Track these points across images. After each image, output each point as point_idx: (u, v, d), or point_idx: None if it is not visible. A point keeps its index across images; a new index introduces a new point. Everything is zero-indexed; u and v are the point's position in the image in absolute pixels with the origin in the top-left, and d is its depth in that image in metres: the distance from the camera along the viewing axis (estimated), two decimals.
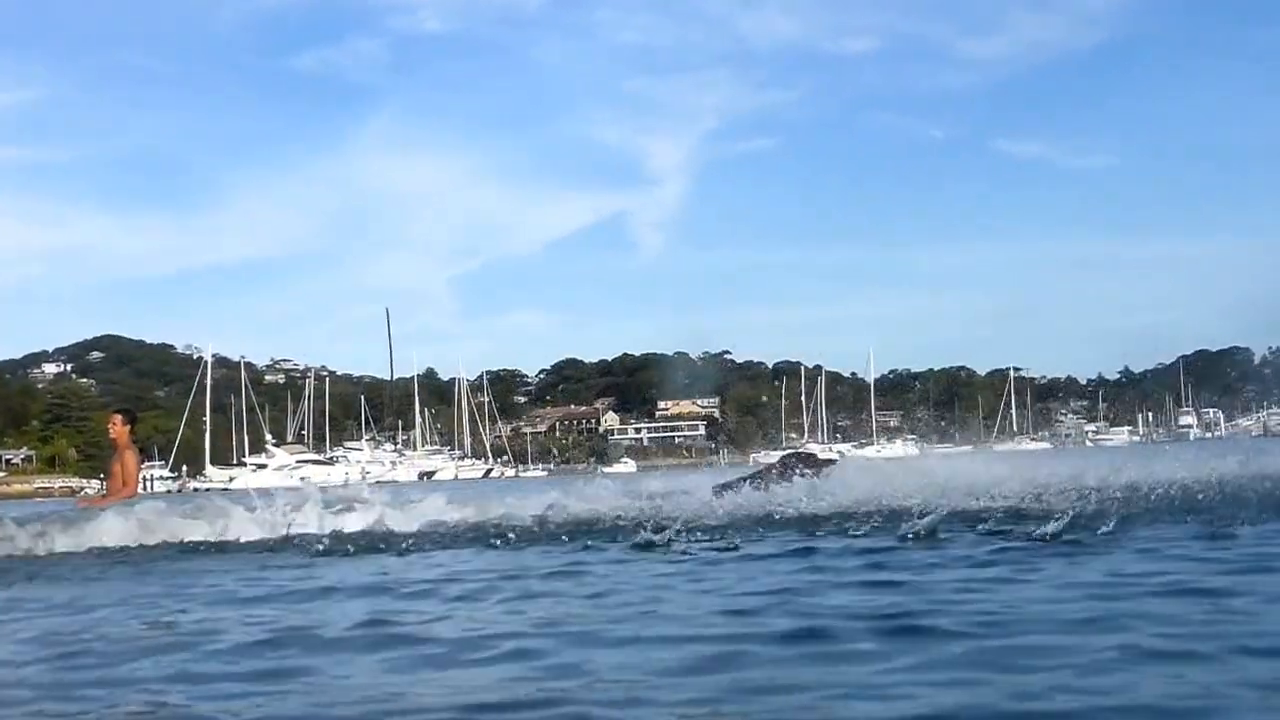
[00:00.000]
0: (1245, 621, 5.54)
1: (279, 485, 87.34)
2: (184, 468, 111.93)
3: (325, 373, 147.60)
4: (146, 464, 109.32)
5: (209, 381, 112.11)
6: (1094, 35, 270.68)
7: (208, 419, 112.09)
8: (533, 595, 7.35)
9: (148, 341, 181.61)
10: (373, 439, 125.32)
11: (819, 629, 5.64)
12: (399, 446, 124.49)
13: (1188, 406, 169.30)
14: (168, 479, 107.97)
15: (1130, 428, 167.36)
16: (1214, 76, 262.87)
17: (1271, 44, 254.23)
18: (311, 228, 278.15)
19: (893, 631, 5.51)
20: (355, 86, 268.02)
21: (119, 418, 14.44)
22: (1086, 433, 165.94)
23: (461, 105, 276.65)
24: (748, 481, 17.53)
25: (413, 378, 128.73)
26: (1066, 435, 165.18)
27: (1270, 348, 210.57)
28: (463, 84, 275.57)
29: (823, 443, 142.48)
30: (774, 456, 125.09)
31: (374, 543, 11.28)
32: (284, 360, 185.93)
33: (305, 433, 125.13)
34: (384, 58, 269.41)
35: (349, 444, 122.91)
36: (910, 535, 9.70)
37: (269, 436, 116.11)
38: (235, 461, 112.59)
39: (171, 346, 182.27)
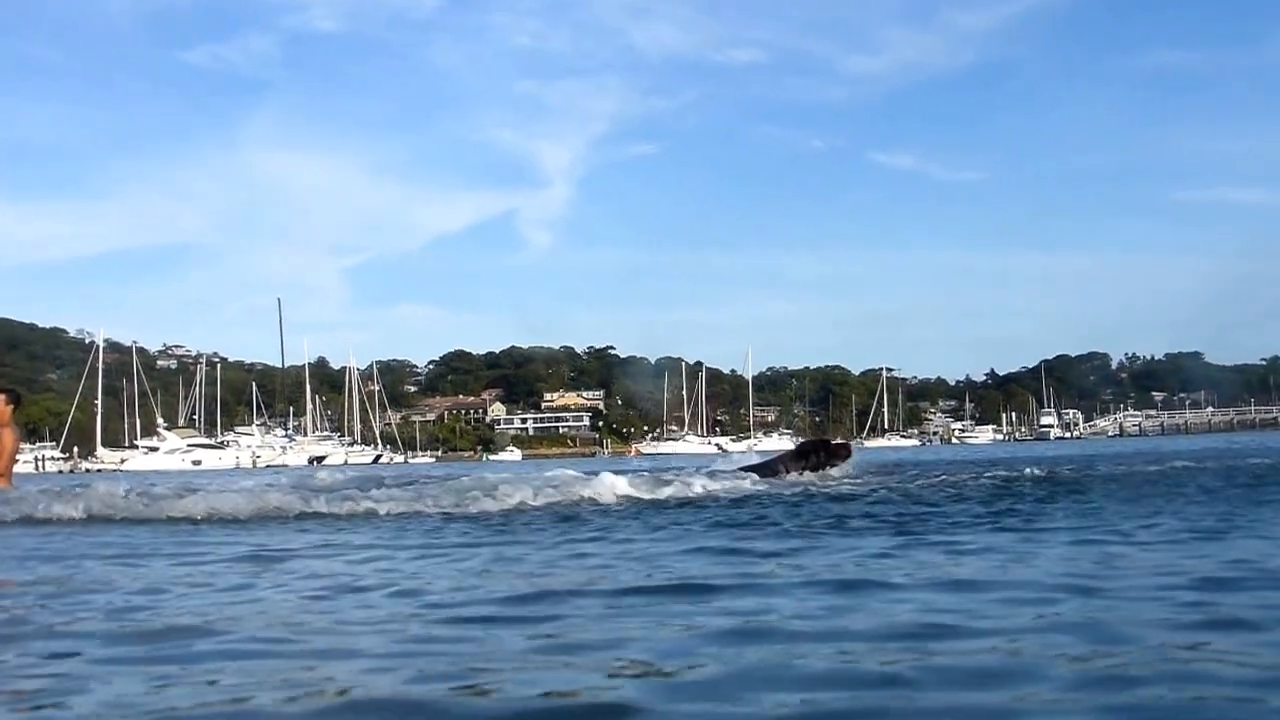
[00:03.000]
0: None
1: (170, 468, 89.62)
2: (75, 449, 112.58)
3: (217, 359, 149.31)
4: (38, 445, 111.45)
5: (101, 365, 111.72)
6: (967, 56, 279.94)
7: (99, 402, 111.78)
8: None
9: (40, 325, 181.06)
10: (264, 424, 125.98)
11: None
12: (289, 432, 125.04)
13: (1049, 408, 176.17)
14: (59, 459, 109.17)
15: (995, 427, 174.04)
16: (1076, 100, 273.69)
17: (1127, 71, 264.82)
18: (204, 218, 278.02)
19: None
20: (247, 81, 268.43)
21: (2, 397, 14.30)
22: (954, 431, 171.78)
23: (354, 103, 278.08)
24: (769, 466, 17.69)
25: (304, 366, 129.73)
26: (935, 433, 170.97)
27: (1126, 353, 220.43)
28: (355, 83, 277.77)
29: (702, 435, 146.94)
30: (657, 447, 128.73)
31: None
32: (176, 346, 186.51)
33: (197, 417, 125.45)
34: (276, 54, 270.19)
35: (240, 429, 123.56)
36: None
37: (160, 420, 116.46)
38: (127, 444, 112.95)
39: (64, 331, 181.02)
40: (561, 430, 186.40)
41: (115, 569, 6.76)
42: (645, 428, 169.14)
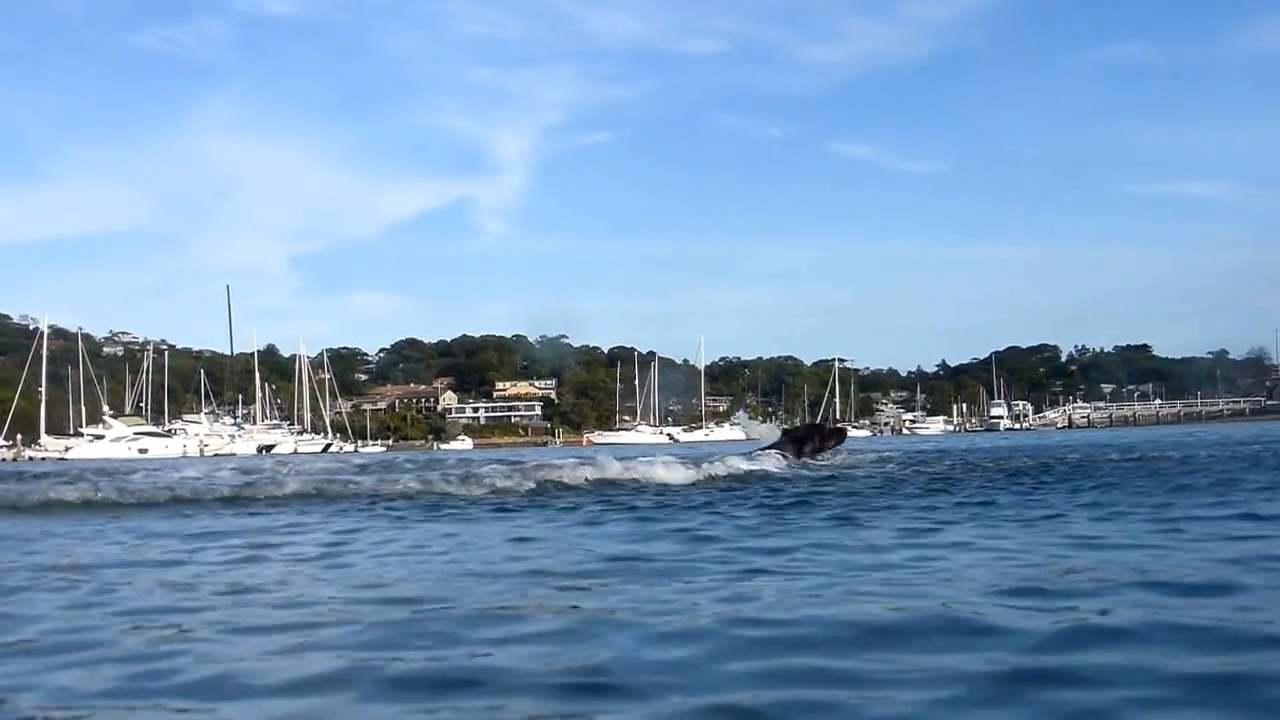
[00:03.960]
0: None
1: (116, 456, 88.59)
2: (19, 437, 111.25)
3: (165, 346, 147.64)
4: None
5: (45, 352, 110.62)
6: (925, 47, 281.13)
7: (43, 390, 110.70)
8: None
9: None
10: (212, 413, 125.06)
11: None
12: (238, 421, 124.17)
13: (999, 399, 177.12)
14: (2, 447, 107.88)
15: (945, 418, 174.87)
16: (1031, 92, 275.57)
17: (1081, 63, 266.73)
18: (153, 204, 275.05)
19: None
20: (199, 66, 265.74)
21: None
22: (905, 422, 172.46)
23: (307, 88, 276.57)
24: (773, 451, 18.55)
25: (253, 353, 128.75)
26: (886, 424, 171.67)
27: (1076, 346, 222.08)
28: (309, 67, 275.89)
29: (654, 425, 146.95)
30: (609, 436, 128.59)
31: None
32: (123, 333, 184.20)
33: (144, 405, 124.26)
34: (228, 38, 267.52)
35: (188, 417, 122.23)
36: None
37: (106, 408, 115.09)
38: (72, 432, 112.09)
39: (7, 317, 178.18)
40: (513, 419, 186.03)
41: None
42: (597, 417, 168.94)
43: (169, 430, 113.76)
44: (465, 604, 4.99)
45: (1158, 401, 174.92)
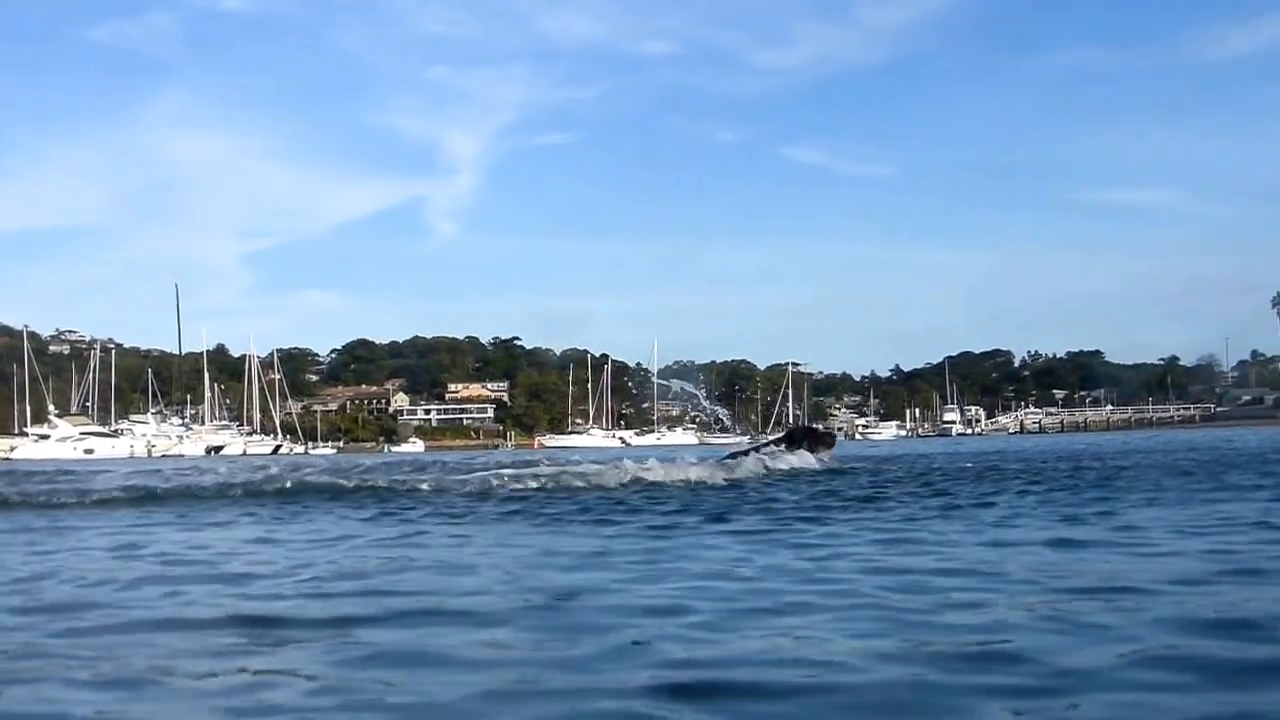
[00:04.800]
0: None
1: (61, 457, 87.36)
2: None
3: (112, 345, 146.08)
4: None
5: None
6: (878, 52, 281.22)
7: None
8: None
9: None
10: (159, 412, 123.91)
11: None
12: (186, 421, 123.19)
13: (952, 404, 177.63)
14: None
15: (899, 423, 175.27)
16: (983, 97, 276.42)
17: (1034, 70, 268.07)
18: (101, 199, 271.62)
19: None
20: (150, 61, 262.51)
21: None
22: (858, 426, 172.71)
23: (259, 85, 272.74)
24: (756, 453, 19.80)
25: (202, 353, 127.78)
26: (839, 429, 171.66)
27: (1029, 351, 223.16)
28: (261, 64, 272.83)
29: (606, 429, 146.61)
30: (561, 440, 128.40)
31: None
32: (70, 331, 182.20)
33: (90, 404, 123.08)
34: (180, 33, 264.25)
35: (135, 417, 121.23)
36: None
37: (52, 407, 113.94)
38: (16, 431, 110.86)
39: None
40: (465, 422, 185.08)
41: None
42: (549, 420, 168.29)
43: (115, 430, 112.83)
44: None
45: (1109, 407, 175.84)
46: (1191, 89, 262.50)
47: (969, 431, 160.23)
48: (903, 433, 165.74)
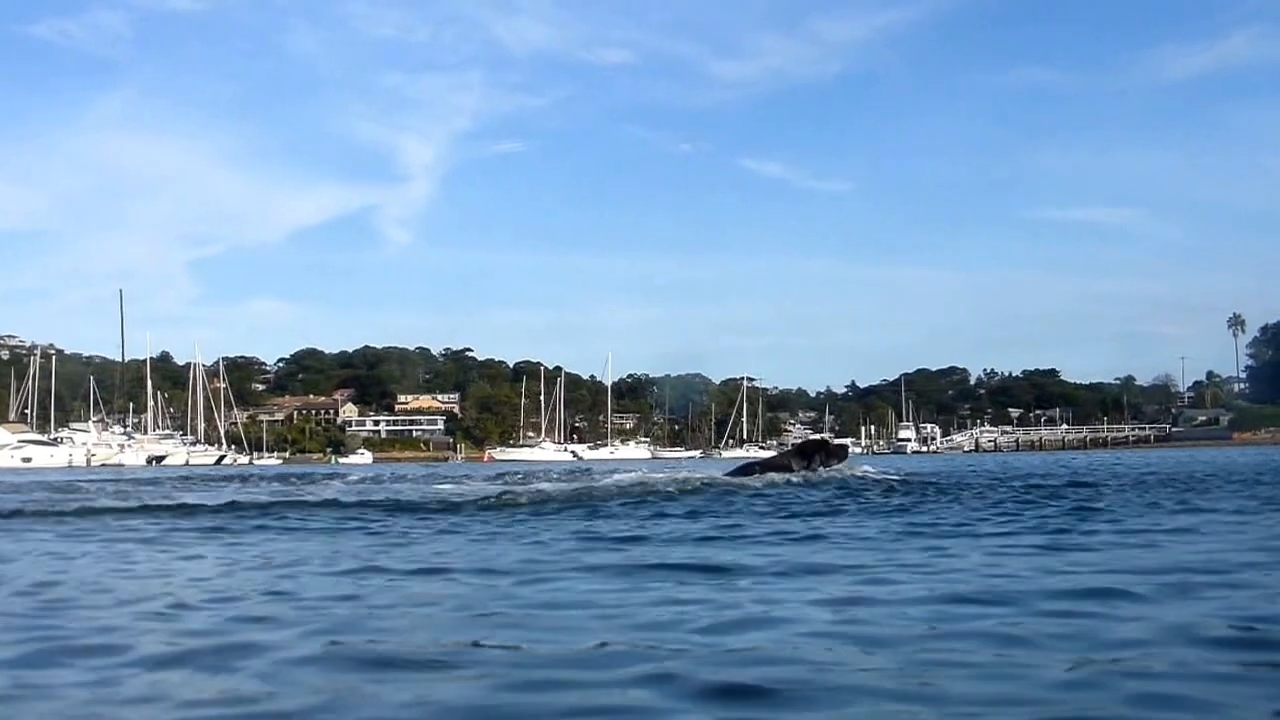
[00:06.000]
0: None
1: None
2: None
3: (53, 351, 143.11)
4: None
5: None
6: (835, 66, 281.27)
7: None
8: None
9: None
10: (101, 421, 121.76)
11: None
12: (128, 430, 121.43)
13: (908, 422, 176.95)
14: None
15: (853, 440, 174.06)
16: (940, 114, 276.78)
17: (990, 87, 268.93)
18: (43, 202, 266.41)
19: None
20: (94, 60, 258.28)
21: None
22: None
23: (207, 87, 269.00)
24: (766, 467, 20.46)
25: (146, 360, 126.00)
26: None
27: (985, 369, 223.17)
28: (210, 65, 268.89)
29: (558, 442, 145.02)
30: (512, 453, 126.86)
31: None
32: (9, 336, 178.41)
33: (29, 412, 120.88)
34: (126, 32, 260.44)
35: (75, 425, 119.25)
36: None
37: None
38: None
39: None
40: (415, 434, 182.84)
41: None
42: (501, 433, 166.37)
43: (55, 439, 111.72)
44: None
45: (1064, 427, 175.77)
46: (1149, 109, 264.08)
47: (924, 449, 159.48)
48: (858, 449, 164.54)
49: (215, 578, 7.96)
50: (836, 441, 22.65)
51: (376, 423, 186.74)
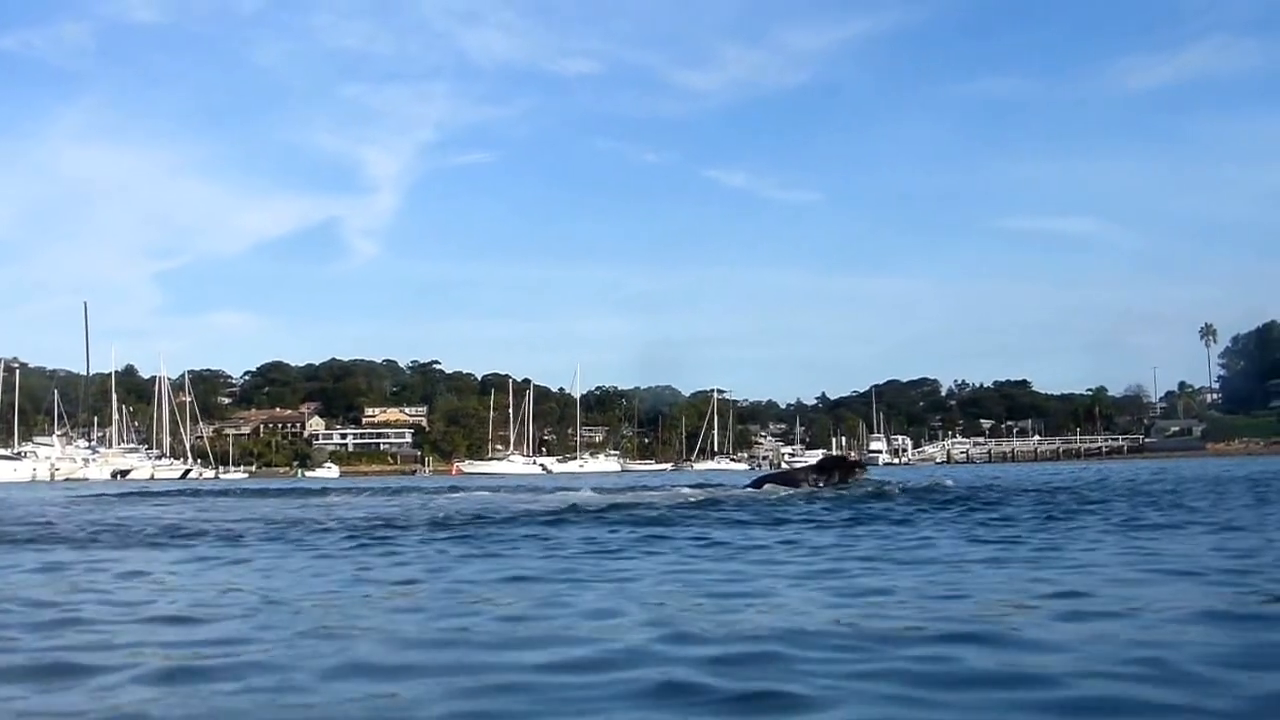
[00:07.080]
0: None
1: None
2: None
3: (16, 364, 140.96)
4: None
5: None
6: (800, 76, 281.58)
7: None
8: None
9: None
10: (65, 435, 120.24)
11: None
12: (93, 444, 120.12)
13: (879, 433, 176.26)
14: None
15: (825, 451, 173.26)
16: (906, 124, 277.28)
17: (956, 97, 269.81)
18: (5, 213, 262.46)
19: None
20: (57, 71, 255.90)
21: None
22: (784, 455, 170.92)
23: (171, 99, 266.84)
24: (791, 477, 20.74)
25: (110, 373, 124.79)
26: (764, 457, 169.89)
27: (956, 380, 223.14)
28: (173, 77, 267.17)
29: (527, 455, 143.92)
30: (480, 466, 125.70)
31: None
32: None
33: None
34: (89, 44, 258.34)
35: (39, 439, 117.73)
36: None
37: None
38: None
39: None
40: (382, 447, 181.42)
41: None
42: (469, 445, 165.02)
43: (18, 453, 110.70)
44: None
45: (1037, 438, 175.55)
46: (1114, 119, 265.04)
47: (895, 461, 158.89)
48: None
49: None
50: (854, 459, 22.83)
51: (343, 436, 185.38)
